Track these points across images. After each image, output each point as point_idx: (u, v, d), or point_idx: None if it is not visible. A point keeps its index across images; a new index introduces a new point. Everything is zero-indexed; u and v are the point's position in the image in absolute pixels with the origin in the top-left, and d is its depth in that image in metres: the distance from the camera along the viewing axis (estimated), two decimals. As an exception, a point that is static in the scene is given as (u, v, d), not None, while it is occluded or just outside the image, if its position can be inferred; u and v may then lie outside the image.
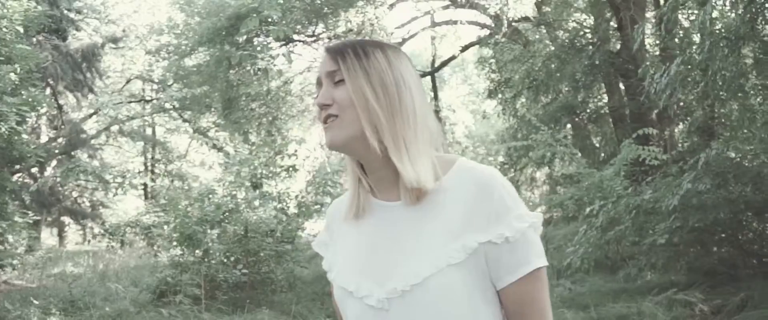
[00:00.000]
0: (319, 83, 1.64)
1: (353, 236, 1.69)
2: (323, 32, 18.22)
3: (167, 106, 22.83)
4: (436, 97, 21.34)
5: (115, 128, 25.14)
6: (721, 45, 8.00)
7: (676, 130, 13.76)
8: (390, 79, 1.57)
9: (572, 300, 8.74)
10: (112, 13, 23.34)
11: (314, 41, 18.50)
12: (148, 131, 28.06)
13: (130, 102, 25.53)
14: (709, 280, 8.49)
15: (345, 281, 1.64)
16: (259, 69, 15.73)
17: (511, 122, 16.54)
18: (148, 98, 26.49)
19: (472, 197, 1.51)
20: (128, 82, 25.75)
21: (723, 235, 9.30)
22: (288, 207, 10.00)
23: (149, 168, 28.06)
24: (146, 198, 25.35)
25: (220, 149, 23.65)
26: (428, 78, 21.63)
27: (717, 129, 12.12)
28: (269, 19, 15.18)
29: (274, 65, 15.94)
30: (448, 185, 1.54)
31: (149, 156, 28.68)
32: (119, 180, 13.93)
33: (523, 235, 1.48)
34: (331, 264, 1.75)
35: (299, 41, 18.00)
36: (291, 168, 10.16)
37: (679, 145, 13.27)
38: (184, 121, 25.41)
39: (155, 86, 25.76)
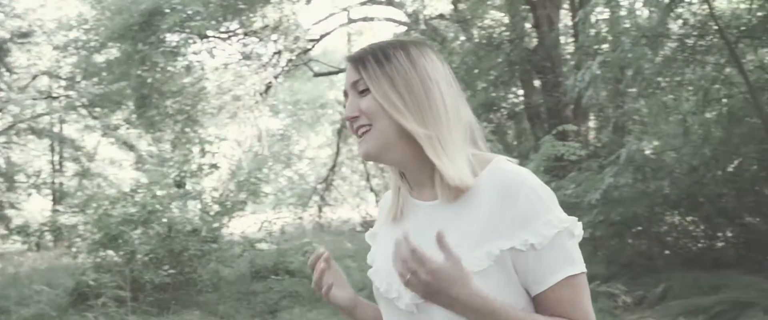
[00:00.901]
0: (345, 95, 1.61)
1: (393, 234, 1.63)
2: (238, 28, 17.98)
3: (77, 103, 22.13)
4: (352, 94, 21.29)
5: (21, 126, 24.23)
6: (642, 43, 8.25)
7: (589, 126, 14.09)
8: (415, 79, 1.53)
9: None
10: (17, 6, 22.50)
11: (229, 37, 18.24)
12: (56, 129, 27.14)
13: (38, 99, 24.64)
14: (629, 272, 8.75)
15: (378, 280, 1.65)
16: (183, 66, 15.43)
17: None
18: (55, 95, 25.62)
19: (498, 200, 1.46)
20: (34, 78, 24.84)
21: (640, 228, 9.61)
22: (211, 205, 9.84)
23: (57, 167, 27.18)
24: (55, 198, 24.58)
25: (131, 147, 23.11)
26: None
27: (627, 125, 12.50)
28: (184, 15, 14.93)
29: (198, 61, 15.63)
30: (480, 186, 1.50)
31: (57, 155, 27.75)
32: (33, 179, 13.48)
33: (552, 242, 1.42)
34: (372, 260, 1.76)
35: (214, 37, 17.68)
36: (213, 166, 10.01)
37: (594, 140, 13.58)
38: (94, 118, 24.67)
39: (63, 83, 24.97)
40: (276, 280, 9.64)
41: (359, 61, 1.57)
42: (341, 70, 21.48)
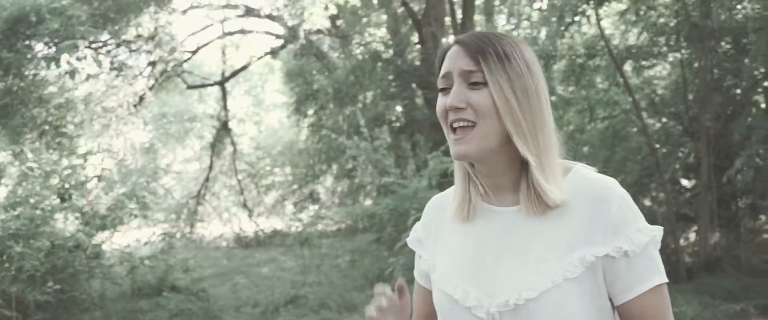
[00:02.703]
0: (446, 78, 1.48)
1: (459, 238, 1.57)
2: (110, 38, 17.30)
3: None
4: (225, 108, 20.94)
5: None
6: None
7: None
8: (530, 86, 1.45)
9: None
10: None
11: (99, 48, 17.50)
12: None
13: None
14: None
15: (450, 287, 1.55)
16: (66, 72, 14.68)
17: (314, 134, 16.45)
18: None
19: (589, 208, 1.42)
20: None
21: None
22: (95, 219, 9.35)
23: None
24: None
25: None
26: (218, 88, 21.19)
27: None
28: (57, 26, 14.25)
29: (82, 68, 14.88)
30: (567, 195, 1.45)
31: None
32: None
33: (644, 250, 1.41)
34: (433, 265, 1.64)
35: (86, 47, 16.88)
36: (97, 178, 9.56)
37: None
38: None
39: None
40: (164, 298, 9.24)
41: (479, 50, 1.45)
42: (214, 83, 21.04)
